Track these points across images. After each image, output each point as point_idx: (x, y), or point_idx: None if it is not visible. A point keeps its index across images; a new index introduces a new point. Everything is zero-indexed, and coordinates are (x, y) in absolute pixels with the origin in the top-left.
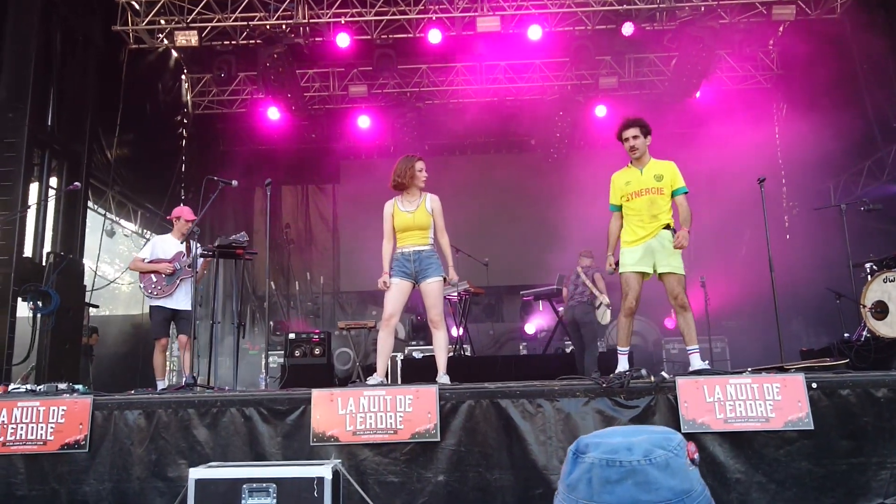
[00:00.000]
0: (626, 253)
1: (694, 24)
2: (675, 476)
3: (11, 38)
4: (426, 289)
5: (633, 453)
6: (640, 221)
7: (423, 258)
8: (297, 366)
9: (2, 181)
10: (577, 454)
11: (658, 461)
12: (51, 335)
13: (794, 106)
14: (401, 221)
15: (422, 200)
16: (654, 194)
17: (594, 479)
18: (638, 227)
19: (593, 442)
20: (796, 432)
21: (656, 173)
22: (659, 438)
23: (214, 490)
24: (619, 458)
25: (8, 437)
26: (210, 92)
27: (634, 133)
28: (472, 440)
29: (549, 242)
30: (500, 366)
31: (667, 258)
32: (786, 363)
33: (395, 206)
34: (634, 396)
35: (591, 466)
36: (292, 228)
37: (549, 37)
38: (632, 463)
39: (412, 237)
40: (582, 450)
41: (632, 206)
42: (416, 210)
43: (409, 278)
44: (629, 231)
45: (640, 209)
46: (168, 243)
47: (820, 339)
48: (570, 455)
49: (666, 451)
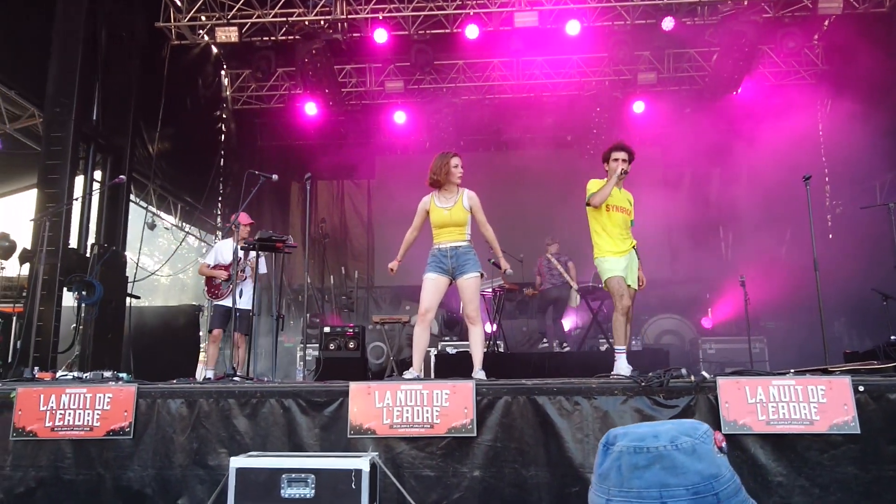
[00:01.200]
0: (612, 260)
1: (736, 19)
2: (701, 460)
3: (59, 36)
4: (463, 285)
5: (660, 439)
6: (621, 236)
7: (459, 254)
8: (331, 359)
9: (49, 174)
10: (607, 445)
11: (684, 447)
12: (94, 325)
13: (839, 102)
14: (438, 217)
15: (459, 197)
16: (627, 215)
17: (623, 465)
18: (620, 240)
19: (621, 433)
20: (842, 436)
21: (628, 198)
22: (685, 427)
23: (254, 479)
24: (645, 445)
25: (56, 423)
26: (249, 87)
27: (625, 157)
28: (508, 436)
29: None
30: (535, 362)
31: (632, 273)
32: (830, 365)
33: (433, 201)
34: (674, 396)
35: (620, 454)
36: (327, 223)
37: (588, 32)
38: (658, 448)
39: (449, 233)
40: (611, 441)
41: (611, 219)
42: (454, 206)
43: (446, 274)
44: (615, 242)
45: (620, 224)
46: (227, 249)
47: (863, 342)
48: (601, 448)
49: (692, 437)
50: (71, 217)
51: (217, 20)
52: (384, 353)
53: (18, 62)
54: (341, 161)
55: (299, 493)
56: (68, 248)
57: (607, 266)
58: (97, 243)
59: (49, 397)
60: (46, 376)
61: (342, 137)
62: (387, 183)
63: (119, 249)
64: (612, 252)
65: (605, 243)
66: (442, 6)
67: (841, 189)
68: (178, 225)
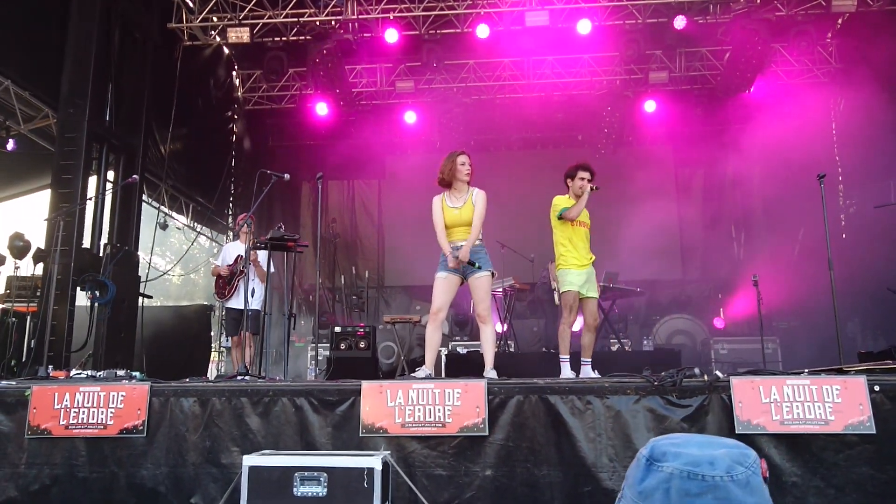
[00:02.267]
0: (574, 273)
1: (749, 17)
2: (753, 494)
3: (73, 36)
4: (474, 283)
5: (716, 468)
6: (585, 249)
7: (471, 253)
8: (342, 358)
9: (63, 174)
10: (652, 461)
11: (739, 479)
12: (107, 324)
13: (853, 101)
14: (449, 217)
15: (469, 196)
16: (586, 229)
17: (673, 490)
18: (583, 253)
19: (671, 451)
20: (857, 436)
21: (587, 214)
22: (737, 454)
23: (267, 477)
24: (701, 472)
25: (71, 421)
26: (260, 88)
27: (589, 176)
28: (520, 435)
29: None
30: (546, 362)
31: (593, 285)
32: (845, 365)
33: (444, 201)
34: (687, 395)
35: (671, 477)
36: (338, 223)
37: (599, 31)
38: (714, 478)
39: (460, 232)
40: (657, 458)
41: (576, 232)
42: (464, 206)
43: (457, 273)
44: (576, 256)
45: (583, 238)
46: (233, 248)
47: (878, 342)
48: (643, 461)
49: (745, 468)
50: (84, 217)
51: (229, 21)
52: (395, 353)
53: (32, 63)
54: (352, 161)
55: (312, 492)
56: (81, 248)
57: (568, 279)
58: (110, 243)
59: (63, 396)
60: (60, 375)
61: (353, 137)
62: (397, 183)
63: (131, 249)
64: (575, 265)
65: (571, 256)
66: (453, 6)
67: (854, 188)
68: (190, 225)
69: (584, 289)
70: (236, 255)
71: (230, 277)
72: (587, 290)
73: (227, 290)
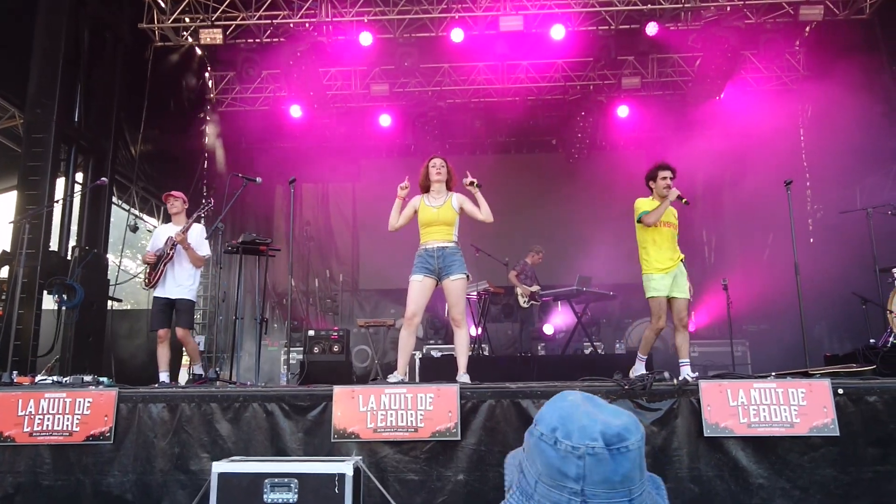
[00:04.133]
0: (657, 279)
1: (719, 24)
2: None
3: (41, 35)
4: (449, 286)
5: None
6: (670, 250)
7: (446, 255)
8: (316, 362)
9: (30, 176)
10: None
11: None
12: (75, 328)
13: (820, 108)
14: (426, 215)
15: (448, 198)
16: (674, 229)
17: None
18: (668, 255)
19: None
20: (821, 438)
21: (673, 213)
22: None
23: (237, 484)
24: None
25: (35, 428)
26: (233, 90)
27: (671, 175)
28: (492, 440)
29: (569, 243)
30: (519, 366)
31: (681, 285)
32: (810, 368)
33: (422, 200)
34: (657, 399)
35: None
36: (312, 226)
37: (572, 36)
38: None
39: (437, 232)
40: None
41: (660, 234)
42: (443, 206)
43: (433, 275)
44: (660, 258)
45: (669, 238)
46: (164, 231)
47: (844, 345)
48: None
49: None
50: (52, 219)
51: (201, 22)
52: (369, 357)
53: None
54: (326, 164)
55: (282, 499)
56: (49, 251)
57: (653, 285)
58: (78, 245)
59: (28, 402)
60: (25, 380)
61: (327, 140)
62: (372, 186)
63: (101, 252)
64: (659, 269)
65: (654, 259)
66: (427, 10)
67: (822, 193)
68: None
69: (671, 291)
70: (167, 238)
71: (157, 261)
72: (673, 291)
73: (152, 276)
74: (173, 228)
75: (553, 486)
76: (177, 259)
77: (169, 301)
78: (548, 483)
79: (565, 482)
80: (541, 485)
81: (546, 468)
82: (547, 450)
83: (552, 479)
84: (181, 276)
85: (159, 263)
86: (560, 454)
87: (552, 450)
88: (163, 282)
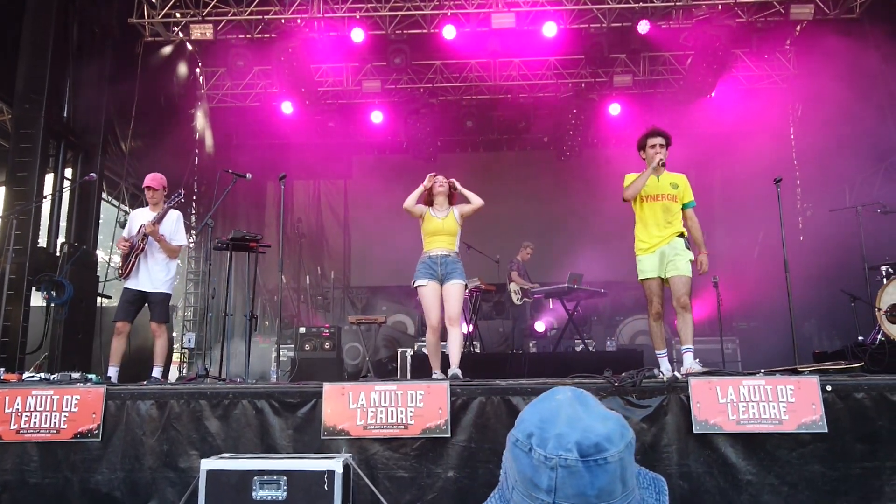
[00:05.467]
0: (643, 260)
1: (710, 23)
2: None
3: (29, 30)
4: (449, 289)
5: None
6: (657, 226)
7: (448, 262)
8: (306, 359)
9: (18, 171)
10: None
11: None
12: (64, 325)
13: (810, 106)
14: (431, 225)
15: (450, 210)
16: (669, 201)
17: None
18: (654, 231)
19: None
20: (810, 435)
21: (671, 181)
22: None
23: (226, 481)
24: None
25: (22, 425)
26: (224, 85)
27: (661, 142)
28: (482, 437)
29: (560, 240)
30: (511, 363)
31: (675, 262)
32: (799, 365)
33: (428, 211)
34: (647, 396)
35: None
36: (304, 223)
37: (564, 34)
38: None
39: (441, 241)
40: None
41: (646, 209)
42: (447, 216)
43: (436, 279)
44: (644, 236)
45: (656, 213)
46: (138, 217)
47: (833, 342)
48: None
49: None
50: (41, 215)
51: (192, 17)
52: (360, 354)
53: None
54: (318, 161)
55: (271, 496)
56: (37, 247)
57: (640, 267)
58: (67, 242)
59: (14, 399)
60: (13, 378)
61: (319, 137)
62: (363, 183)
63: (90, 248)
64: (644, 248)
65: (639, 238)
66: (419, 6)
67: (812, 192)
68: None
69: (661, 270)
70: (140, 226)
71: (130, 250)
72: (668, 270)
73: (124, 265)
74: (149, 214)
75: (525, 496)
76: (149, 250)
77: (139, 294)
78: (521, 491)
79: (536, 493)
80: (516, 492)
81: (520, 476)
82: (521, 457)
83: (525, 487)
84: (155, 269)
85: (130, 254)
86: (533, 463)
87: (526, 457)
88: (135, 273)
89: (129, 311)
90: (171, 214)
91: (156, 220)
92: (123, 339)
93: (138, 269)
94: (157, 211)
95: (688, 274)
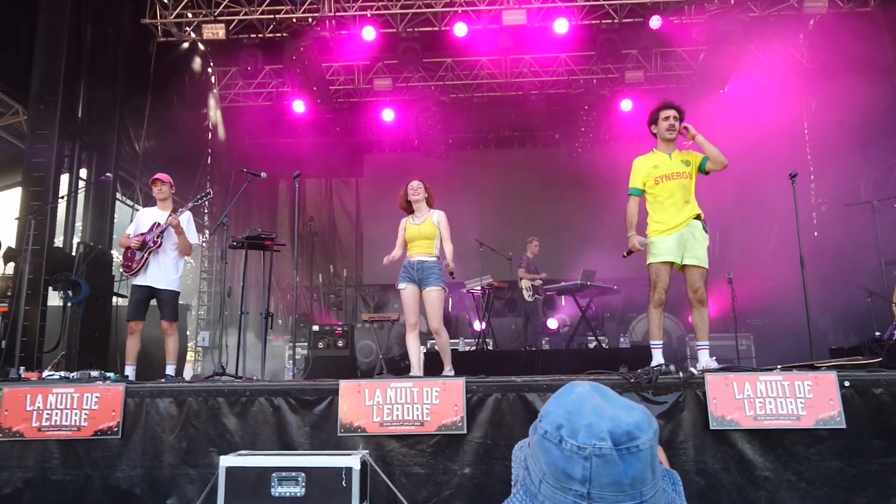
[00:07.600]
0: (657, 242)
1: (723, 18)
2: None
3: (43, 32)
4: (426, 297)
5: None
6: (675, 206)
7: (425, 267)
8: (320, 357)
9: (34, 172)
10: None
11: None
12: (80, 324)
13: (824, 101)
14: (410, 232)
15: (429, 215)
16: (685, 178)
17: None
18: (672, 213)
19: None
20: (828, 431)
21: (684, 159)
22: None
23: (244, 478)
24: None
25: (43, 423)
26: (236, 85)
27: (674, 114)
28: (498, 433)
29: (572, 237)
30: (524, 360)
31: (694, 250)
32: (816, 361)
33: (408, 220)
34: (662, 392)
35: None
36: (316, 221)
37: (576, 30)
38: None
39: (419, 246)
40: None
41: (662, 190)
42: (424, 223)
43: (414, 283)
44: (662, 218)
45: (673, 193)
46: (148, 215)
47: (849, 338)
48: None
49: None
50: (56, 216)
51: (204, 17)
52: (373, 352)
53: (1, 59)
54: (329, 159)
55: (290, 492)
56: (54, 247)
57: (652, 249)
58: (83, 242)
59: (36, 397)
60: (32, 376)
61: (330, 135)
62: (375, 181)
63: (105, 248)
64: (659, 230)
65: (654, 219)
66: (430, 4)
67: (826, 187)
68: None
69: (673, 255)
70: (152, 223)
71: (142, 247)
72: (685, 258)
73: (134, 262)
74: (158, 213)
75: (557, 488)
76: (162, 247)
77: (148, 290)
78: (552, 484)
79: (570, 484)
80: (545, 485)
81: (550, 468)
82: (551, 449)
83: (556, 480)
84: (167, 266)
85: (143, 250)
86: (565, 454)
87: (557, 449)
88: (145, 269)
89: (140, 310)
90: (184, 214)
91: (176, 213)
92: (137, 338)
93: (148, 265)
94: (165, 206)
95: (705, 265)
